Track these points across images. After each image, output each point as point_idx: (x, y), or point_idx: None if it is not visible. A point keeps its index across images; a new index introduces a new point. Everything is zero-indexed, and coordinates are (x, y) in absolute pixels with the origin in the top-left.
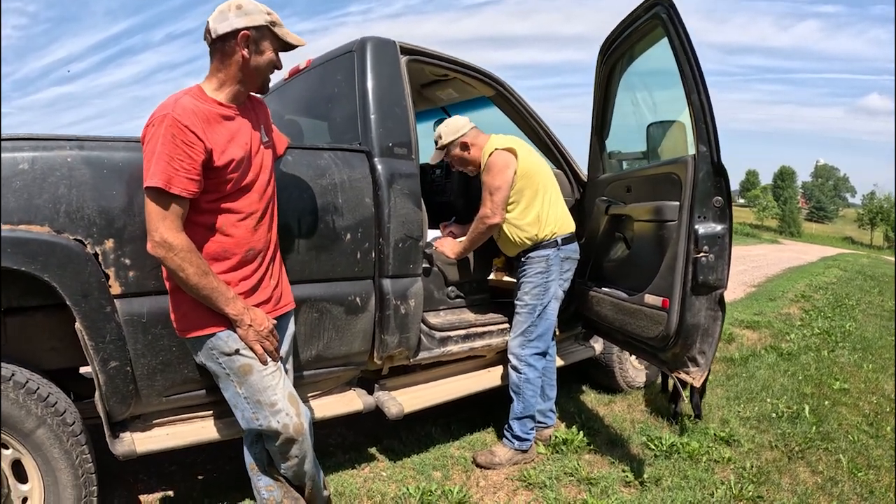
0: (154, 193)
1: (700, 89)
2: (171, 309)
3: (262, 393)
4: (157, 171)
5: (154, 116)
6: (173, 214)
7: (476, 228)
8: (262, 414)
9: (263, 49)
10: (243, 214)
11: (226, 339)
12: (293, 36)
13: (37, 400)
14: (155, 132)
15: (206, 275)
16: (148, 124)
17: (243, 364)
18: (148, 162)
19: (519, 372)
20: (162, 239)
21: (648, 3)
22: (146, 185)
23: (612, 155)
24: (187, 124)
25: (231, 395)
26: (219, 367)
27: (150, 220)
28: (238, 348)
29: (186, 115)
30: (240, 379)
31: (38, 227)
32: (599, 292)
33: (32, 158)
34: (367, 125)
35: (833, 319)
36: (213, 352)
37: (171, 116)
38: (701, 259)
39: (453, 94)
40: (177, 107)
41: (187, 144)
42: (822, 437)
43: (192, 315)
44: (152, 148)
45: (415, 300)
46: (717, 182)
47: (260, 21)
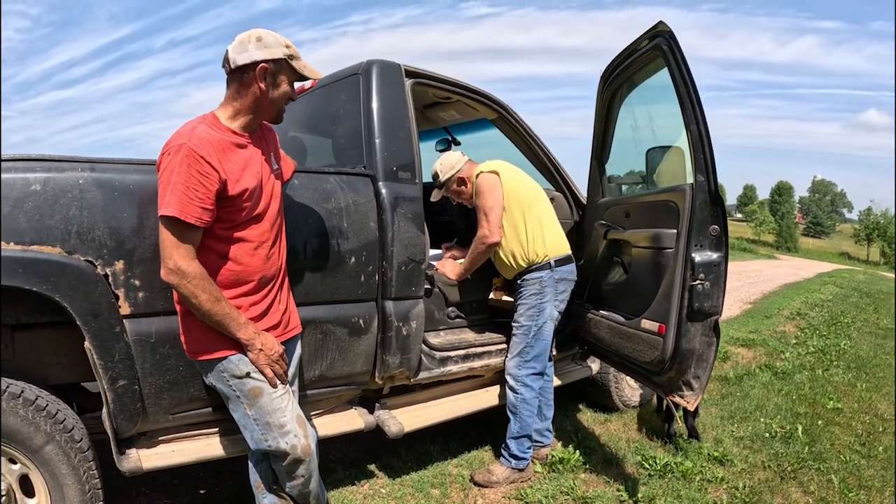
0: (169, 222)
1: (699, 120)
2: (182, 332)
3: (271, 415)
4: (172, 200)
5: (170, 145)
6: (187, 242)
7: (475, 249)
8: (271, 435)
9: (280, 82)
10: (256, 243)
11: (237, 362)
12: (310, 69)
13: (46, 417)
14: (171, 161)
15: (219, 301)
16: (164, 152)
17: (254, 387)
18: (164, 190)
19: (516, 392)
20: (176, 266)
21: (650, 34)
22: (161, 214)
23: (612, 179)
24: (203, 154)
25: (240, 416)
26: (229, 390)
27: (164, 247)
28: (249, 371)
29: (202, 145)
30: (250, 401)
31: (50, 247)
32: (597, 315)
33: (45, 179)
34: (372, 149)
35: (828, 338)
36: (224, 374)
37: (188, 146)
38: (697, 286)
39: (456, 116)
40: (193, 136)
41: (203, 175)
42: (815, 457)
43: (202, 338)
44: (168, 176)
45: (416, 321)
46: (714, 211)
47: (278, 54)
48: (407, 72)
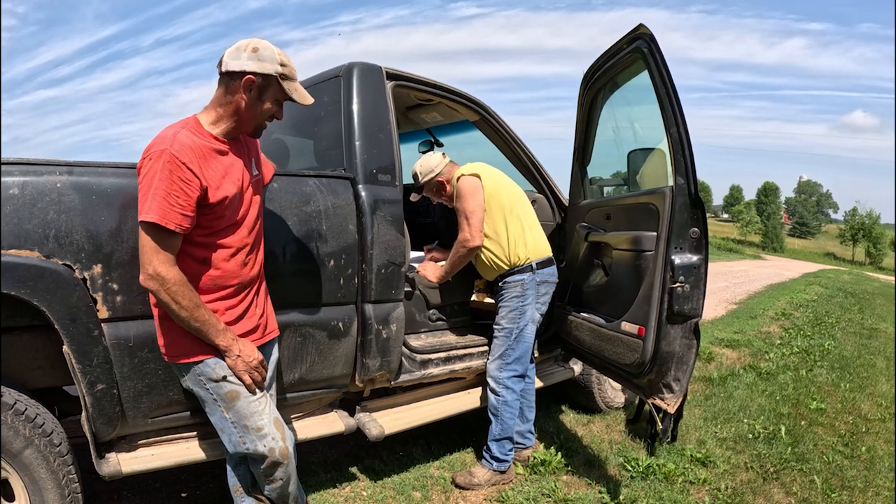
0: (149, 227)
1: (679, 123)
2: (159, 335)
3: (248, 418)
4: (153, 206)
5: (152, 150)
6: (167, 249)
7: (456, 252)
8: (248, 438)
9: (265, 98)
10: (234, 249)
11: (213, 365)
12: (301, 94)
13: (24, 421)
14: (152, 166)
15: (198, 307)
16: (145, 157)
17: (230, 390)
18: (144, 195)
19: (497, 395)
20: (155, 272)
21: (630, 37)
22: (142, 219)
23: (594, 181)
24: (185, 161)
25: (218, 419)
26: (206, 393)
27: (143, 253)
28: (225, 375)
29: (184, 151)
30: (227, 404)
31: (28, 251)
32: (578, 317)
33: (22, 183)
34: (352, 151)
35: (812, 338)
36: (201, 378)
37: (169, 152)
38: (677, 289)
39: (438, 118)
40: (175, 142)
41: (184, 181)
42: (798, 457)
43: (179, 342)
44: (149, 182)
45: (396, 325)
46: (694, 214)
47: (269, 70)
48: (388, 74)
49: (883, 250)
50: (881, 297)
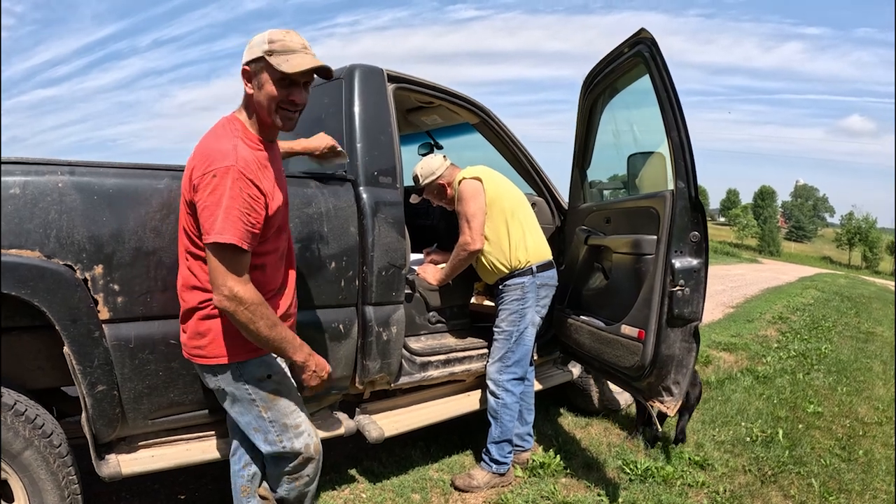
0: (224, 248)
1: (680, 127)
2: (194, 336)
3: (288, 416)
4: (227, 226)
5: (215, 166)
6: (241, 268)
7: (457, 255)
8: (286, 436)
9: (262, 82)
10: (279, 252)
11: (258, 365)
12: (291, 63)
13: (24, 422)
14: (220, 183)
15: (276, 325)
16: (207, 172)
17: (273, 389)
18: (212, 214)
19: (497, 397)
20: (232, 293)
21: (632, 41)
22: (215, 241)
23: (593, 184)
24: (252, 178)
25: (252, 418)
26: (243, 393)
27: (217, 274)
28: (269, 374)
29: (249, 167)
30: (267, 403)
31: (29, 251)
32: (578, 320)
33: (24, 183)
34: (353, 153)
35: (809, 342)
36: (241, 378)
37: (237, 169)
38: (677, 293)
39: (438, 120)
40: (239, 158)
41: (253, 198)
42: (795, 461)
43: (221, 342)
44: (217, 200)
45: (397, 327)
46: (695, 217)
47: (258, 53)
48: (389, 76)
49: (879, 254)
50: (878, 300)
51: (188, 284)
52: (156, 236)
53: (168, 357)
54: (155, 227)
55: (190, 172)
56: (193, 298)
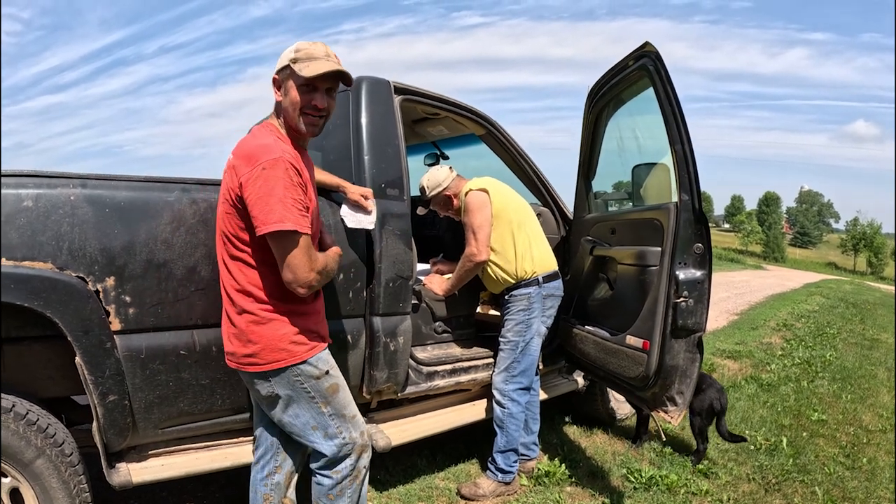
0: (289, 236)
1: (683, 140)
2: (241, 343)
3: (346, 407)
4: (287, 214)
5: (263, 159)
6: (309, 249)
7: (463, 266)
8: (345, 427)
9: (288, 88)
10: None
11: (315, 363)
12: (310, 68)
13: (36, 431)
14: (271, 175)
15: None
16: (257, 165)
17: (332, 384)
18: (267, 204)
19: (503, 407)
20: (310, 273)
21: (636, 54)
22: (277, 229)
23: (598, 195)
24: (298, 168)
25: (312, 416)
26: (301, 393)
27: (292, 262)
28: (327, 369)
29: (295, 158)
30: (327, 398)
31: (42, 263)
32: (583, 330)
33: (36, 196)
34: (361, 165)
35: (814, 349)
36: (299, 378)
37: (285, 160)
38: (681, 304)
39: (444, 131)
40: (284, 151)
41: (300, 186)
42: (799, 469)
43: (278, 347)
44: (268, 190)
45: (403, 337)
46: (698, 229)
47: (284, 62)
48: (396, 88)
49: (884, 260)
50: (882, 307)
51: (234, 288)
52: (166, 248)
53: (178, 367)
54: (166, 239)
55: (234, 173)
56: (240, 302)
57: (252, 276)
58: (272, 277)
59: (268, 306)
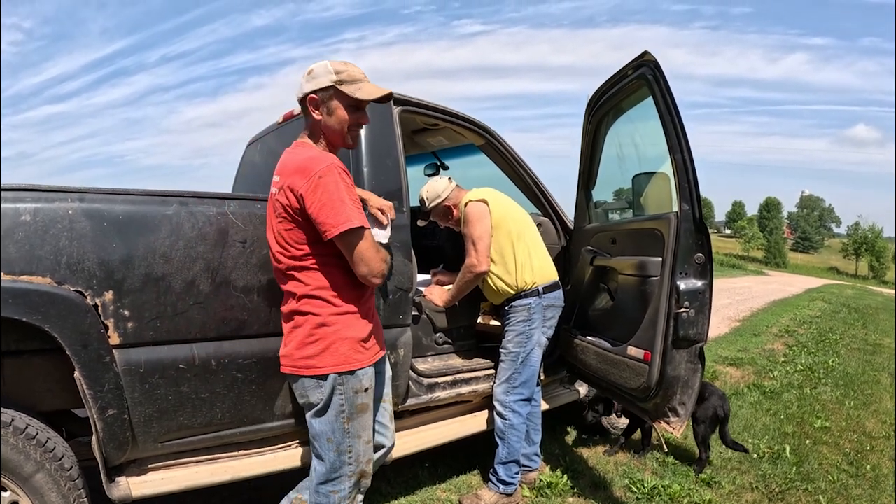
0: (356, 233)
1: (683, 149)
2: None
3: (366, 430)
4: (352, 214)
5: (317, 169)
6: (373, 244)
7: (463, 277)
8: (356, 449)
9: (334, 108)
10: None
11: (361, 376)
12: (364, 91)
13: (36, 445)
14: (329, 181)
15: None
16: (310, 178)
17: (363, 403)
18: (333, 208)
19: (504, 418)
20: (382, 263)
21: (635, 63)
22: (347, 228)
23: (598, 205)
24: (346, 170)
25: (330, 429)
26: (335, 403)
27: (363, 256)
28: (367, 387)
29: (341, 162)
30: (353, 416)
31: (40, 277)
32: (584, 340)
33: (34, 210)
34: (360, 177)
35: (816, 355)
36: (341, 387)
37: (336, 165)
38: (682, 314)
39: (444, 141)
40: (332, 158)
41: (352, 188)
42: (803, 477)
43: (333, 350)
44: (330, 195)
45: (404, 349)
46: (699, 239)
47: (325, 83)
48: (395, 99)
49: (886, 264)
50: (885, 311)
51: (298, 294)
52: (165, 262)
53: (178, 381)
54: (164, 252)
55: (288, 191)
56: (305, 306)
57: (321, 280)
58: (341, 279)
59: (336, 307)
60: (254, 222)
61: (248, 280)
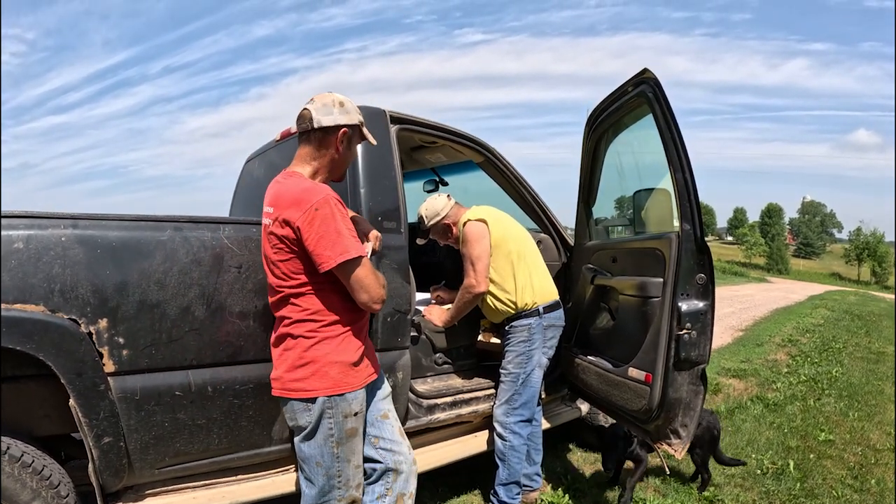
0: (355, 263)
1: (684, 168)
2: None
3: (355, 455)
4: (349, 245)
5: (313, 200)
6: (372, 272)
7: (462, 298)
8: (345, 474)
9: (352, 146)
10: None
11: (351, 401)
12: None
13: (32, 473)
14: (325, 212)
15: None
16: (307, 210)
17: (353, 427)
18: (331, 239)
19: (504, 439)
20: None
21: (635, 80)
22: (345, 259)
23: (599, 221)
24: (341, 200)
25: (319, 453)
26: (324, 427)
27: (362, 284)
28: (357, 411)
29: (335, 193)
30: (342, 440)
31: (34, 306)
32: (585, 360)
33: (27, 237)
34: (357, 198)
35: (820, 365)
36: (332, 410)
37: (331, 196)
38: (683, 336)
39: (442, 159)
40: (327, 189)
41: (348, 217)
42: (807, 493)
43: (322, 373)
44: (327, 226)
45: (403, 372)
46: (700, 260)
47: (356, 121)
48: (392, 118)
49: (888, 269)
50: (888, 318)
51: (292, 318)
52: (159, 289)
53: (174, 408)
54: (159, 279)
55: (286, 222)
56: (298, 329)
57: (316, 304)
58: (337, 304)
59: (327, 331)
60: (249, 247)
61: (244, 305)
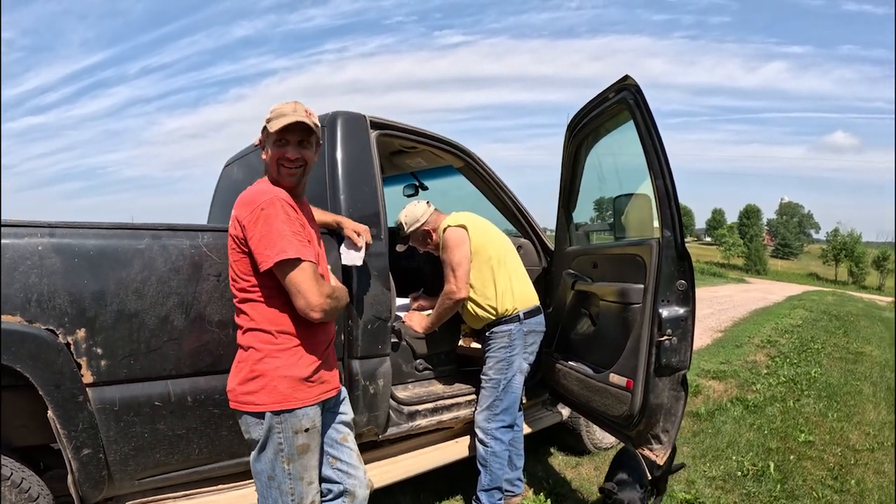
0: (292, 265)
1: (665, 174)
2: (243, 381)
3: (308, 471)
4: (286, 246)
5: (260, 201)
6: (315, 276)
7: (442, 304)
8: (298, 491)
9: (268, 147)
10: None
11: (301, 416)
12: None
13: (10, 486)
14: (269, 213)
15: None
16: (256, 208)
17: (305, 444)
18: (269, 240)
19: (486, 445)
20: (321, 297)
21: (616, 87)
22: (283, 259)
23: (579, 227)
24: (292, 205)
25: (269, 468)
26: (274, 442)
27: (299, 288)
28: (308, 427)
29: (288, 197)
30: (293, 457)
31: (10, 316)
32: (566, 366)
33: (3, 246)
34: (337, 204)
35: (799, 366)
36: (280, 426)
37: (279, 198)
38: (664, 342)
39: (422, 163)
40: (278, 191)
41: (298, 222)
42: (787, 494)
43: (271, 388)
44: (269, 226)
45: (383, 379)
46: (681, 266)
47: (264, 124)
48: (372, 123)
49: (865, 269)
50: (865, 318)
51: (244, 328)
52: (138, 298)
53: (153, 418)
54: (137, 288)
55: (237, 221)
56: (249, 340)
57: (266, 313)
58: (287, 314)
59: (277, 343)
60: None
61: (224, 314)
